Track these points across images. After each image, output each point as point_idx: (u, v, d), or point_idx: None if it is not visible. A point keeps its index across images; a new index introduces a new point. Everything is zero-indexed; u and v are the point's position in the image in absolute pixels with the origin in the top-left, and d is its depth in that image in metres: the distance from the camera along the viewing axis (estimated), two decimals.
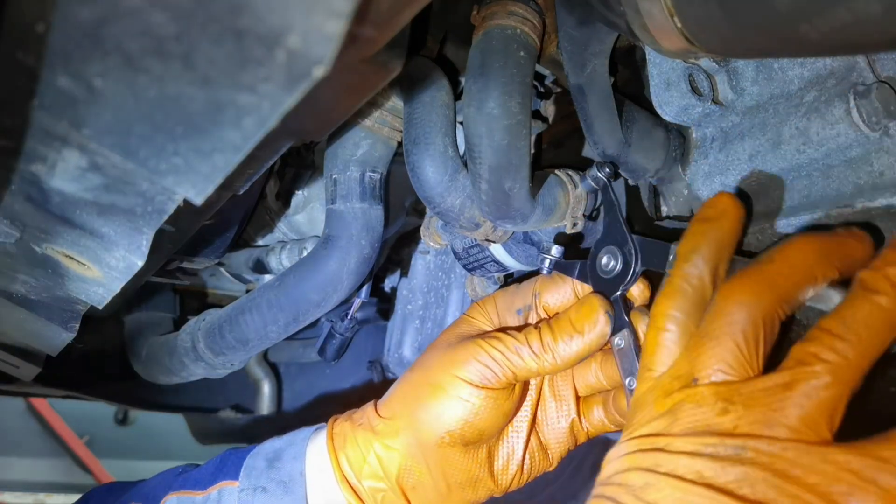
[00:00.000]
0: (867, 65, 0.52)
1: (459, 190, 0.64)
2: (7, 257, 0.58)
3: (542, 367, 0.58)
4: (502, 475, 0.63)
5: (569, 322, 0.58)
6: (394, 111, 0.70)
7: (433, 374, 0.60)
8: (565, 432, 0.64)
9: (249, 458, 0.65)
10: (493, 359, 0.58)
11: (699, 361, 0.44)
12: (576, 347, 0.57)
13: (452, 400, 0.58)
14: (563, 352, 0.57)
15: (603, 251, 0.59)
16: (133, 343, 1.03)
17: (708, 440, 0.41)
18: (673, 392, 0.44)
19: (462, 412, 0.58)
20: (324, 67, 0.31)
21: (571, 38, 0.60)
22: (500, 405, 0.59)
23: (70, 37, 0.35)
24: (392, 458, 0.60)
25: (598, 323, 0.56)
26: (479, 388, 0.58)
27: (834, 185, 0.55)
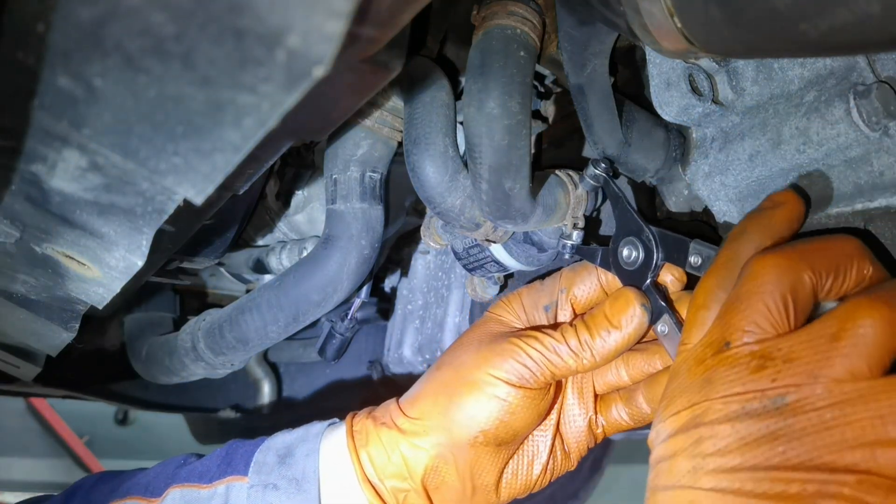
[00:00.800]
0: (867, 65, 0.52)
1: (460, 190, 0.64)
2: (7, 257, 0.58)
3: (582, 365, 0.57)
4: (527, 475, 0.62)
5: (604, 317, 0.57)
6: (394, 111, 0.70)
7: (467, 372, 0.58)
8: (584, 431, 0.63)
9: (259, 452, 0.63)
10: (531, 357, 0.57)
11: (730, 325, 0.43)
12: (614, 343, 0.56)
13: (489, 399, 0.57)
14: (601, 348, 0.56)
15: (622, 244, 0.59)
16: (133, 343, 1.03)
17: (746, 398, 0.39)
18: (706, 359, 0.43)
19: (498, 411, 0.57)
20: (324, 67, 0.31)
21: (571, 38, 0.60)
22: (537, 405, 0.58)
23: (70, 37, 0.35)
24: (419, 458, 0.59)
25: (635, 316, 0.56)
26: (516, 387, 0.57)
27: (834, 185, 0.55)
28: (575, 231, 0.64)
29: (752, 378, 0.40)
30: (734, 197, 0.63)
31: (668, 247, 0.57)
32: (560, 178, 0.67)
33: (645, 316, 0.56)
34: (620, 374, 0.62)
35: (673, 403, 0.44)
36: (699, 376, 0.43)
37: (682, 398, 0.43)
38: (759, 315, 0.42)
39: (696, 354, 0.44)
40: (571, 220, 0.66)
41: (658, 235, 0.57)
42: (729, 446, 0.38)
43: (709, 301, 0.46)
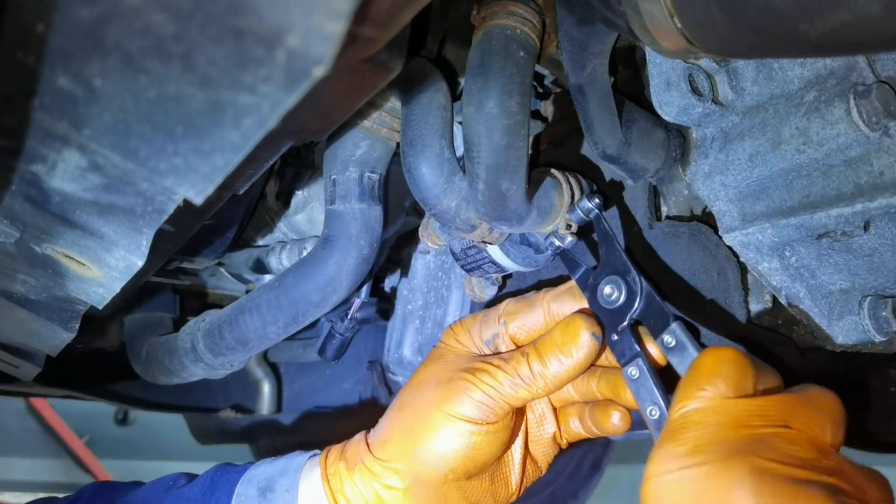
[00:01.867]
0: (867, 65, 0.52)
1: (455, 192, 0.64)
2: (7, 257, 0.58)
3: (535, 394, 0.59)
4: (502, 493, 0.64)
5: (555, 346, 0.58)
6: (392, 112, 0.70)
7: (427, 414, 0.60)
8: (549, 442, 0.66)
9: (241, 484, 0.64)
10: (485, 394, 0.58)
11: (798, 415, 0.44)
12: (564, 371, 0.58)
13: (451, 438, 0.58)
14: (552, 377, 0.58)
15: (605, 281, 0.58)
16: (133, 343, 1.03)
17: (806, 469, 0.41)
18: (751, 423, 0.44)
19: (463, 449, 0.58)
20: (324, 67, 0.31)
21: (571, 38, 0.60)
22: (500, 436, 0.60)
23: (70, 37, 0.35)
24: (395, 498, 0.60)
25: (584, 345, 0.57)
26: (476, 423, 0.58)
27: (834, 185, 0.55)
28: (568, 235, 0.63)
29: (810, 460, 0.42)
30: (734, 197, 0.63)
31: (651, 308, 0.56)
32: (556, 180, 0.67)
33: (595, 344, 0.57)
34: (570, 391, 0.65)
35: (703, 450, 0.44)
36: (742, 433, 0.43)
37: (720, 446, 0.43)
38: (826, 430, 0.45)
39: (735, 413, 0.45)
40: (565, 221, 0.66)
41: (646, 291, 0.57)
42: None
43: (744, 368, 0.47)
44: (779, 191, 0.59)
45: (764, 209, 0.61)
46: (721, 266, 0.68)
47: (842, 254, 0.59)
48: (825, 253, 0.60)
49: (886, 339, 0.58)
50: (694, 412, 0.46)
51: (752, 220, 0.62)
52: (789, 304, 0.65)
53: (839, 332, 0.61)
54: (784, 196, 0.59)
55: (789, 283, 0.64)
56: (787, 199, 0.59)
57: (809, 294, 0.63)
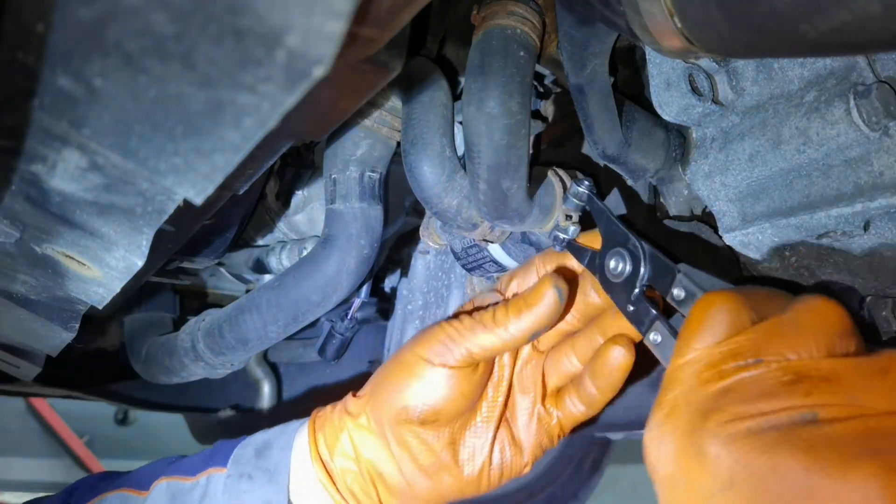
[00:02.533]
0: (867, 65, 0.52)
1: (457, 190, 0.64)
2: (7, 257, 0.58)
3: (494, 344, 0.58)
4: (468, 465, 0.62)
5: (522, 299, 0.58)
6: (393, 111, 0.70)
7: (402, 354, 0.61)
8: (534, 426, 0.64)
9: (239, 447, 0.67)
10: (449, 337, 0.59)
11: (769, 344, 0.39)
12: (526, 321, 0.57)
13: (412, 377, 0.59)
14: (513, 326, 0.57)
15: (609, 255, 0.58)
16: (133, 343, 1.03)
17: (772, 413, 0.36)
18: (722, 367, 0.40)
19: (418, 389, 0.59)
20: (324, 67, 0.31)
21: (571, 38, 0.60)
22: (458, 385, 0.59)
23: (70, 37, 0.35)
24: (361, 439, 0.62)
25: (545, 297, 0.56)
26: (435, 365, 0.58)
27: (834, 185, 0.55)
28: (570, 225, 0.63)
29: (782, 391, 0.37)
30: (734, 197, 0.63)
31: (657, 267, 0.55)
32: (558, 178, 0.67)
33: (556, 297, 0.56)
34: (572, 361, 0.63)
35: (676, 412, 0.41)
36: (714, 384, 0.40)
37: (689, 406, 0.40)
38: (808, 347, 0.39)
39: (711, 360, 0.41)
40: (563, 212, 0.65)
41: (648, 251, 0.55)
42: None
43: (722, 303, 0.43)
44: (779, 191, 0.59)
45: (764, 209, 0.61)
46: (721, 266, 0.68)
47: (842, 254, 0.59)
48: (825, 253, 0.60)
49: (886, 339, 0.58)
50: (678, 368, 0.43)
51: (752, 220, 0.62)
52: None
53: None
54: (784, 196, 0.59)
55: (789, 283, 0.64)
56: (787, 199, 0.59)
57: None
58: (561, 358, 0.63)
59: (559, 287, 0.57)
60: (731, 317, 0.42)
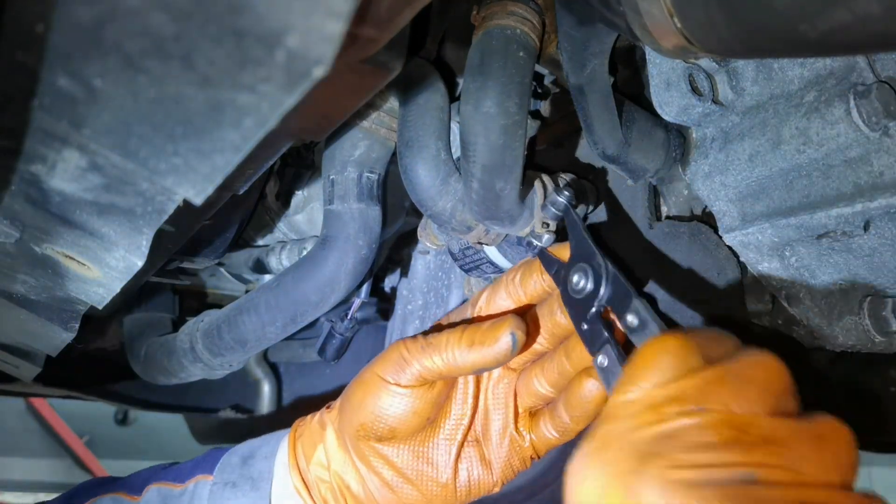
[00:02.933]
0: (867, 65, 0.52)
1: (451, 193, 0.64)
2: (7, 257, 0.58)
3: (442, 368, 0.58)
4: (431, 482, 0.62)
5: (478, 331, 0.57)
6: (391, 112, 0.70)
7: (363, 371, 0.62)
8: (507, 449, 0.63)
9: (226, 455, 0.68)
10: (402, 356, 0.59)
11: (714, 393, 0.39)
12: (472, 357, 0.57)
13: (367, 395, 0.60)
14: (461, 356, 0.57)
15: (574, 270, 0.56)
16: (132, 344, 1.03)
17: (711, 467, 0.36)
18: (663, 410, 0.39)
19: (373, 407, 0.60)
20: (323, 67, 0.31)
21: (571, 38, 0.60)
22: (411, 403, 0.59)
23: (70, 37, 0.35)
24: (332, 451, 0.63)
25: (499, 340, 0.56)
26: (389, 383, 0.59)
27: (834, 185, 0.55)
28: (546, 233, 0.62)
29: (723, 445, 0.37)
30: (734, 197, 0.63)
31: (617, 290, 0.53)
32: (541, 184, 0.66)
33: (508, 344, 0.56)
34: (542, 383, 0.62)
35: (608, 448, 0.40)
36: (653, 427, 0.39)
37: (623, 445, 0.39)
38: (752, 402, 0.39)
39: (653, 401, 0.40)
40: (540, 220, 0.64)
41: (611, 273, 0.54)
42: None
43: (685, 353, 0.41)
44: (779, 191, 0.59)
45: (764, 209, 0.61)
46: (721, 266, 0.68)
47: (842, 254, 0.59)
48: (825, 253, 0.60)
49: (886, 339, 0.58)
50: (618, 404, 0.41)
51: (752, 220, 0.62)
52: (789, 305, 0.65)
53: (839, 333, 0.61)
54: (784, 196, 0.59)
55: (789, 283, 0.64)
56: (787, 199, 0.59)
57: (809, 294, 0.63)
58: (531, 379, 0.63)
59: (515, 333, 0.56)
60: (678, 360, 0.41)
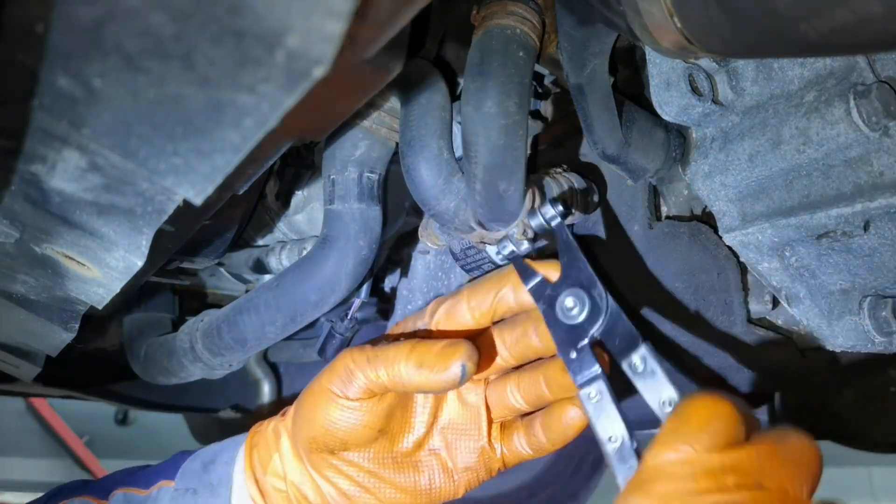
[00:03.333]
0: (867, 65, 0.52)
1: (454, 193, 0.64)
2: (7, 257, 0.58)
3: (386, 383, 0.56)
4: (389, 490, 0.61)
5: (429, 353, 0.55)
6: (392, 112, 0.70)
7: (314, 381, 0.61)
8: (475, 459, 0.62)
9: (189, 460, 0.67)
10: (348, 368, 0.57)
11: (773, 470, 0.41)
12: (418, 379, 0.55)
13: (316, 408, 0.59)
14: (407, 375, 0.55)
15: (565, 293, 0.54)
16: (132, 344, 1.03)
17: None
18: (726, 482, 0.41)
19: (322, 419, 0.58)
20: (323, 68, 0.31)
21: (571, 38, 0.60)
22: (360, 416, 0.58)
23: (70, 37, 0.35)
24: (288, 461, 0.62)
25: (448, 369, 0.54)
26: (337, 396, 0.58)
27: (834, 185, 0.55)
28: (526, 241, 0.60)
29: None
30: (734, 197, 0.63)
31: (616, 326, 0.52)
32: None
33: (457, 376, 0.53)
34: (516, 398, 0.61)
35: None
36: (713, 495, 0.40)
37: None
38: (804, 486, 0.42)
39: (710, 466, 0.41)
40: (523, 226, 0.62)
41: (613, 308, 0.52)
42: None
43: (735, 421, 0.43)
44: (779, 191, 0.59)
45: (764, 209, 0.61)
46: (721, 266, 0.68)
47: (842, 254, 0.59)
48: (825, 253, 0.60)
49: (886, 339, 0.58)
50: (670, 463, 0.42)
51: (752, 220, 0.62)
52: (789, 305, 0.65)
53: (839, 333, 0.61)
54: (784, 196, 0.59)
55: (789, 283, 0.64)
56: (787, 199, 0.59)
57: (809, 294, 0.63)
58: (505, 391, 0.61)
59: (466, 365, 0.53)
60: (730, 428, 0.43)
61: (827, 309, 0.62)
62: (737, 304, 0.67)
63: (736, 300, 0.67)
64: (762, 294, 0.68)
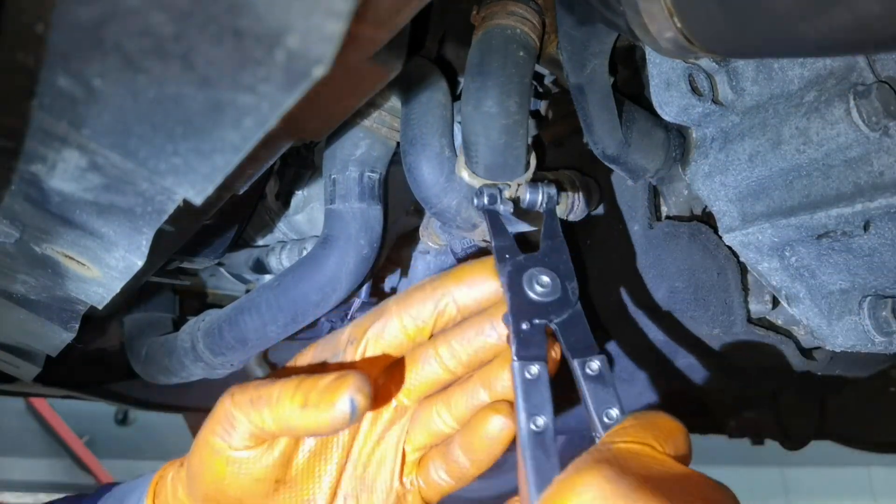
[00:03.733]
0: (867, 65, 0.53)
1: (456, 191, 0.64)
2: (7, 257, 0.58)
3: (273, 429, 0.48)
4: None
5: (314, 390, 0.47)
6: (392, 111, 0.70)
7: (200, 431, 0.52)
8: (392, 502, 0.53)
9: (102, 500, 0.60)
10: (230, 414, 0.49)
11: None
12: (303, 421, 0.46)
13: (203, 462, 0.51)
14: (291, 418, 0.47)
15: (539, 269, 0.50)
16: (133, 344, 1.03)
17: None
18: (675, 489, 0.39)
19: (209, 475, 0.50)
20: (323, 67, 0.31)
21: (571, 38, 0.60)
22: (249, 468, 0.50)
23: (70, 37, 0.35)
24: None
25: (333, 406, 0.45)
26: (220, 446, 0.49)
27: (834, 185, 0.55)
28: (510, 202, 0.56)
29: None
30: (734, 197, 0.63)
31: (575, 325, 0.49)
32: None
33: (346, 414, 0.45)
34: (444, 418, 0.53)
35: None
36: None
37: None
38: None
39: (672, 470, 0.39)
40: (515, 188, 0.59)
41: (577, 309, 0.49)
42: None
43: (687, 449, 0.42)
44: (779, 191, 0.59)
45: (764, 209, 0.61)
46: (721, 266, 0.68)
47: (842, 254, 0.59)
48: (825, 253, 0.60)
49: (886, 339, 0.58)
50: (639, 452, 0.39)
51: (752, 220, 0.62)
52: (789, 305, 0.65)
53: (839, 333, 0.61)
54: (784, 196, 0.59)
55: (789, 283, 0.64)
56: (787, 199, 0.59)
57: (809, 294, 0.63)
58: (431, 414, 0.53)
59: (355, 399, 0.45)
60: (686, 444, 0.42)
61: (827, 309, 0.62)
62: (737, 304, 0.67)
63: (736, 300, 0.67)
64: (762, 294, 0.68)
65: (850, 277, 0.60)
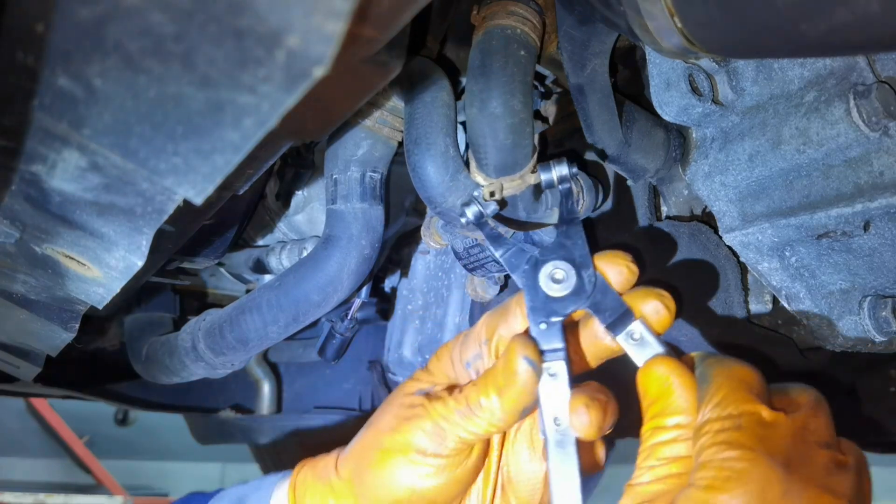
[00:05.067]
0: (867, 65, 0.53)
1: (461, 190, 0.64)
2: (7, 257, 0.58)
3: (486, 428, 0.53)
4: None
5: (496, 375, 0.52)
6: (394, 111, 0.70)
7: (383, 437, 0.56)
8: (539, 485, 0.57)
9: (213, 500, 0.63)
10: (436, 424, 0.53)
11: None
12: (507, 403, 0.51)
13: (400, 468, 0.54)
14: (498, 409, 0.52)
15: (554, 262, 0.51)
16: (133, 343, 1.03)
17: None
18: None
19: (409, 481, 0.54)
20: (323, 67, 0.31)
21: (571, 38, 0.60)
22: (451, 472, 0.54)
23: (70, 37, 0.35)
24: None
25: (517, 375, 0.50)
26: (427, 454, 0.54)
27: (834, 185, 0.55)
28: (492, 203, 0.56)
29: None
30: (734, 197, 0.63)
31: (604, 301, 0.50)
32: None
33: (530, 372, 0.50)
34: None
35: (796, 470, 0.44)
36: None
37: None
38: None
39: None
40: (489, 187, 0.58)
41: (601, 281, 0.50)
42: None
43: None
44: (779, 191, 0.59)
45: (764, 209, 0.61)
46: (721, 266, 0.68)
47: (842, 254, 0.59)
48: (825, 253, 0.60)
49: (886, 339, 0.58)
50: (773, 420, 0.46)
51: (752, 220, 0.62)
52: (789, 305, 0.65)
53: (839, 333, 0.61)
54: (784, 196, 0.59)
55: (789, 283, 0.64)
56: (787, 199, 0.59)
57: (809, 294, 0.63)
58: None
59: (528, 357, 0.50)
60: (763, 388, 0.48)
61: (827, 309, 0.62)
62: (737, 304, 0.67)
63: (736, 300, 0.67)
64: (762, 294, 0.68)
65: (850, 277, 0.60)
